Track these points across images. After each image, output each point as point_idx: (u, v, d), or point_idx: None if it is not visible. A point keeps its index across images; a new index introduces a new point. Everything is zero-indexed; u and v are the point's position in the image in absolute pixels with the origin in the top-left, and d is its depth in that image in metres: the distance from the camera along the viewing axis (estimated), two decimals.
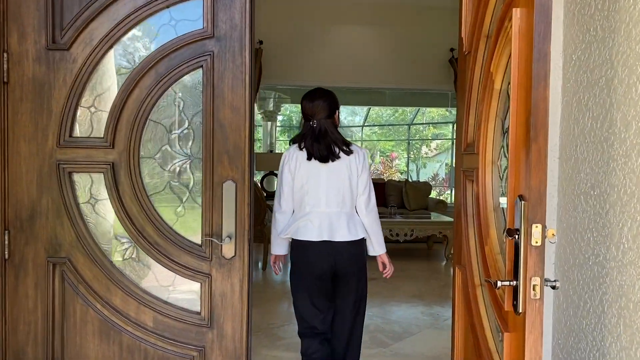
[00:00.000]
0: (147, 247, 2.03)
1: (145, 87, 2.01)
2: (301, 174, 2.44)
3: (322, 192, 2.41)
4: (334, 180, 2.40)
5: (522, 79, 1.37)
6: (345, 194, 2.42)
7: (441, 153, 19.58)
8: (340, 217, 2.40)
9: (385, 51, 8.60)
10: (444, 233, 6.27)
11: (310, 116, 2.49)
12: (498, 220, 1.62)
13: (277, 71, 8.41)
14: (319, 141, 2.43)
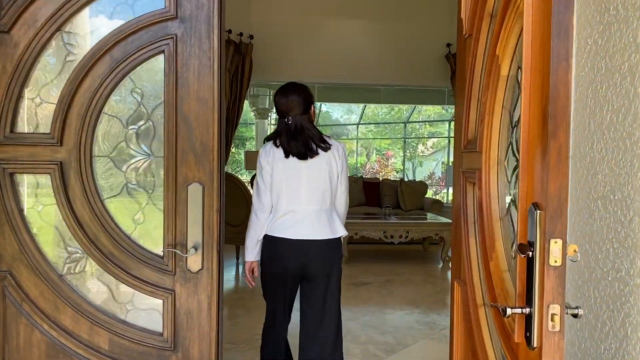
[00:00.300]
0: (101, 259, 1.78)
1: (98, 75, 1.75)
2: (279, 171, 2.33)
3: (302, 190, 2.31)
4: (313, 177, 2.31)
5: (536, 60, 1.12)
6: (325, 191, 2.33)
7: (437, 151, 19.38)
8: (321, 215, 2.32)
9: (380, 46, 8.34)
10: (441, 235, 6.02)
11: (285, 112, 2.38)
12: (505, 231, 1.37)
13: (269, 67, 8.14)
14: (296, 138, 2.32)
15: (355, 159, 19.06)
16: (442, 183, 17.04)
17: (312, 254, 2.31)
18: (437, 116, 18.93)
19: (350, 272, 5.60)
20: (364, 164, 18.45)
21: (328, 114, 19.07)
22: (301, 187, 2.31)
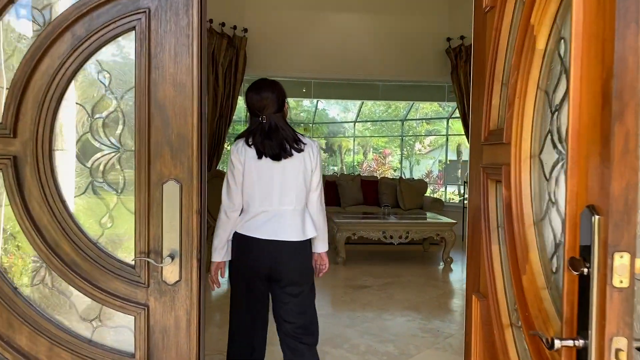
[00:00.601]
0: (62, 269, 1.53)
1: (59, 55, 1.50)
2: (251, 171, 2.25)
3: (275, 190, 2.24)
4: (287, 177, 2.24)
5: (592, 23, 0.88)
6: (299, 191, 2.25)
7: (434, 149, 19.14)
8: (294, 216, 2.24)
9: (378, 41, 8.09)
10: (442, 235, 5.79)
11: (258, 110, 2.27)
12: (541, 238, 1.13)
13: (263, 61, 7.89)
14: (270, 138, 2.23)
15: (352, 157, 18.82)
16: (439, 182, 16.83)
17: (283, 255, 2.24)
18: (434, 114, 18.70)
19: (348, 274, 5.36)
20: (361, 162, 18.22)
21: (324, 111, 18.82)
22: (274, 187, 2.23)
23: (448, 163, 17.14)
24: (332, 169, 20.65)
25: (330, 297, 4.51)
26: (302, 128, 18.08)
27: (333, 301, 4.37)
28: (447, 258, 5.85)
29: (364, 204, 7.51)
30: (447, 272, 5.62)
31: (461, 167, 18.02)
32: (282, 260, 2.23)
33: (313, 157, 2.27)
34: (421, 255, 6.51)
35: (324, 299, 4.42)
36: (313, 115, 17.53)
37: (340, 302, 4.33)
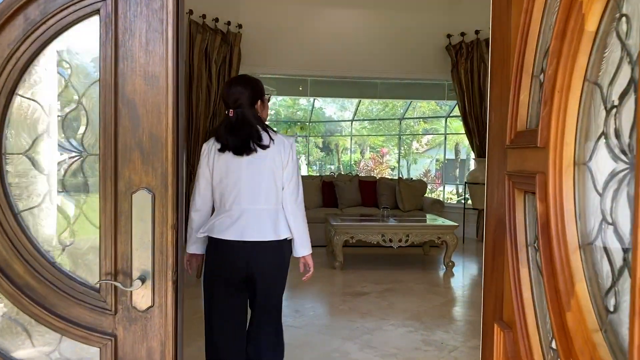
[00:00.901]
0: (13, 293, 1.31)
1: (9, 42, 1.28)
2: (219, 167, 2.20)
3: (243, 187, 2.17)
4: (255, 174, 2.17)
5: None
6: (269, 190, 2.18)
7: (431, 149, 18.96)
8: (262, 215, 2.17)
9: (376, 37, 7.88)
10: (443, 239, 5.58)
11: (228, 104, 2.24)
12: (591, 267, 0.91)
13: (258, 58, 7.66)
14: (234, 132, 2.18)
15: (349, 156, 18.60)
16: (437, 181, 16.64)
17: (253, 256, 2.17)
18: (431, 113, 18.51)
19: (346, 279, 5.15)
20: (358, 161, 18.01)
21: (321, 110, 18.60)
22: (242, 185, 2.17)
23: (445, 162, 16.97)
24: (328, 168, 20.47)
25: (327, 305, 4.29)
26: (299, 127, 17.88)
27: (331, 310, 4.16)
28: (448, 262, 5.64)
29: (362, 205, 7.30)
30: (449, 277, 5.41)
31: (459, 167, 17.85)
32: (255, 263, 2.16)
33: (284, 155, 2.18)
34: (422, 258, 6.30)
35: (322, 307, 4.21)
36: (310, 114, 17.31)
37: (338, 312, 4.11)
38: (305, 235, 2.26)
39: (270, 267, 2.21)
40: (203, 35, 7.07)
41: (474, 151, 7.70)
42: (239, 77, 2.37)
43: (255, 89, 2.25)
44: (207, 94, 7.16)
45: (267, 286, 2.24)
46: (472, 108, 7.58)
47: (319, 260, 6.06)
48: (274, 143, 2.19)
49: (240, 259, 2.17)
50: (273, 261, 2.20)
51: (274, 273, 2.24)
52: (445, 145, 16.18)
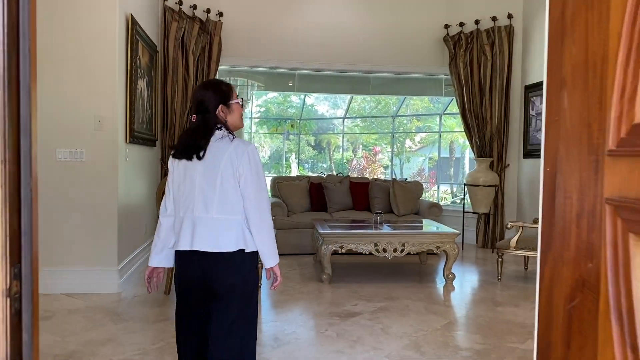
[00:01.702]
0: None
1: None
2: (177, 173, 2.14)
3: (197, 195, 2.08)
4: (210, 181, 2.06)
5: None
6: (224, 198, 2.07)
7: (424, 147, 18.40)
8: (216, 224, 2.07)
9: (368, 28, 7.26)
10: (443, 248, 4.98)
11: (192, 109, 2.21)
12: None
13: (240, 49, 7.02)
14: (188, 136, 2.13)
15: (341, 155, 17.98)
16: (432, 180, 16.07)
17: (209, 268, 2.07)
18: (424, 110, 17.93)
19: (334, 295, 4.54)
20: (350, 160, 17.41)
21: (313, 107, 17.98)
22: (196, 192, 2.08)
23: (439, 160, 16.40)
24: (321, 167, 19.86)
25: (312, 331, 3.67)
26: (290, 124, 17.25)
27: (316, 338, 3.54)
28: (448, 274, 5.04)
29: (354, 209, 6.68)
30: (449, 291, 4.81)
31: (454, 166, 17.28)
32: (211, 274, 2.07)
33: (239, 162, 2.05)
34: (418, 268, 5.70)
35: (305, 333, 3.60)
36: (301, 111, 16.68)
37: (324, 339, 3.49)
38: (271, 247, 2.11)
39: (225, 281, 2.07)
40: (179, 23, 6.42)
41: (473, 150, 7.11)
42: (205, 81, 2.37)
43: (218, 93, 2.16)
44: (183, 87, 6.52)
45: (223, 301, 2.08)
46: (472, 104, 6.99)
47: (305, 272, 5.45)
48: (231, 149, 2.07)
49: (194, 269, 2.08)
50: (227, 274, 2.07)
51: (228, 287, 2.08)
52: (439, 144, 15.62)
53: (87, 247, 4.53)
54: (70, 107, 4.47)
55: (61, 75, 4.45)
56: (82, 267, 4.53)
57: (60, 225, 4.49)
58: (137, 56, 5.10)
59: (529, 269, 5.67)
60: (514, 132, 6.97)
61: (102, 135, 4.54)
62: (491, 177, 6.57)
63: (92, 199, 4.52)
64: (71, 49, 4.45)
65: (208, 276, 2.07)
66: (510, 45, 6.86)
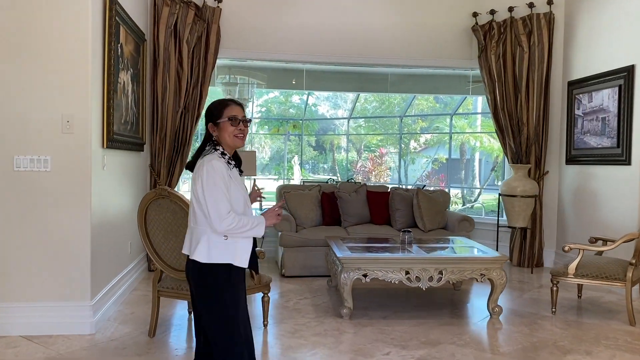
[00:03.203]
0: None
1: None
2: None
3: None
4: (191, 192, 2.24)
5: None
6: (192, 208, 2.23)
7: (428, 148, 17.49)
8: (191, 232, 2.26)
9: (385, 17, 6.31)
10: (489, 276, 4.05)
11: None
12: None
13: (241, 40, 6.06)
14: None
15: (345, 156, 17.05)
16: (442, 184, 15.15)
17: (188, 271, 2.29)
18: (430, 110, 17.04)
19: (358, 338, 3.60)
20: (355, 162, 16.47)
21: (314, 107, 17.04)
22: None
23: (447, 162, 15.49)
24: (321, 167, 18.94)
25: None
26: (292, 124, 16.32)
27: None
28: (494, 307, 4.11)
29: (371, 222, 5.75)
30: (497, 330, 3.88)
31: (465, 168, 16.36)
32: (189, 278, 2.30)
33: (195, 174, 2.18)
34: (451, 296, 4.77)
35: None
36: (304, 111, 15.74)
37: None
38: (247, 235, 2.19)
39: (193, 285, 2.26)
40: (172, 8, 5.48)
41: (506, 155, 6.17)
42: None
43: (207, 112, 2.31)
44: (176, 81, 5.57)
45: (196, 305, 2.27)
46: (505, 102, 6.05)
47: (319, 302, 4.50)
48: (198, 164, 2.22)
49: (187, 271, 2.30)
50: (194, 280, 2.23)
51: (196, 292, 2.25)
52: (450, 145, 14.72)
53: (52, 277, 3.59)
54: (31, 105, 3.53)
55: (19, 66, 3.51)
56: (45, 302, 3.58)
57: (19, 251, 3.56)
58: (117, 43, 4.16)
59: (582, 296, 4.74)
60: (554, 135, 6.04)
61: (72, 139, 3.60)
62: (530, 186, 5.63)
63: (58, 218, 3.59)
64: (31, 32, 3.51)
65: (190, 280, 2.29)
66: (550, 35, 5.93)
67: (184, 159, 5.67)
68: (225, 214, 2.08)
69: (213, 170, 2.10)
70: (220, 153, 2.19)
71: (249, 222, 2.14)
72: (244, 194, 2.23)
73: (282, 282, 5.11)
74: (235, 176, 2.22)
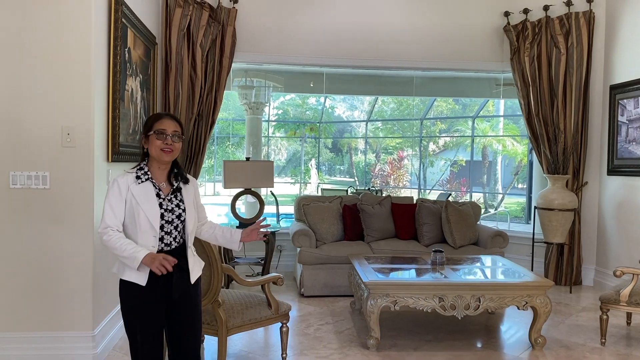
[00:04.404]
0: None
1: None
2: None
3: None
4: None
5: None
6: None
7: (445, 150, 17.01)
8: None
9: (410, 17, 5.89)
10: (532, 304, 3.61)
11: None
12: None
13: (259, 42, 5.68)
14: None
15: (361, 159, 16.60)
16: (463, 190, 14.64)
17: None
18: (449, 112, 16.56)
19: None
20: (373, 166, 16.03)
21: (332, 109, 16.64)
22: None
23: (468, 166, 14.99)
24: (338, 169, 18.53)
25: None
26: (308, 128, 15.95)
27: None
28: (537, 338, 3.67)
29: (397, 237, 5.32)
30: None
31: (487, 172, 15.83)
32: None
33: None
34: (486, 321, 4.32)
35: None
36: (321, 114, 15.34)
37: None
38: (121, 258, 2.13)
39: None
40: (184, 9, 5.12)
41: (541, 164, 5.70)
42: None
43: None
44: (189, 87, 5.21)
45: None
46: (540, 107, 5.59)
47: (342, 328, 4.09)
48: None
49: None
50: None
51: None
52: (472, 148, 14.23)
53: (49, 304, 3.24)
54: (27, 116, 3.19)
55: (13, 73, 3.17)
56: (41, 331, 3.23)
57: (13, 276, 3.22)
58: (125, 47, 3.80)
59: (632, 323, 4.27)
60: (594, 143, 5.55)
61: (73, 153, 3.25)
62: (569, 199, 5.16)
63: (57, 239, 3.23)
64: (26, 35, 3.17)
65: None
66: (590, 36, 5.45)
67: (197, 168, 5.32)
68: (103, 227, 2.12)
69: (111, 184, 2.18)
70: (138, 168, 2.22)
71: (126, 249, 2.08)
72: (154, 212, 2.14)
73: (301, 303, 4.72)
74: (147, 192, 2.16)
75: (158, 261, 2.05)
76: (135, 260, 2.07)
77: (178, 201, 2.23)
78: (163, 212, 2.17)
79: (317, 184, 15.31)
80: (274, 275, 3.31)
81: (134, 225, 2.14)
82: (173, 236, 2.21)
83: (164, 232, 2.17)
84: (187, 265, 2.24)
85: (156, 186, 2.20)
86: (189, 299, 2.27)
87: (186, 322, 2.27)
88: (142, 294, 2.15)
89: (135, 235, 2.15)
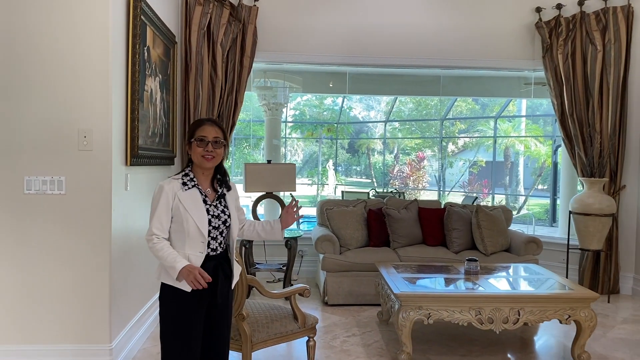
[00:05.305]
0: None
1: None
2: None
3: None
4: None
5: None
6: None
7: (463, 151, 16.66)
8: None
9: (437, 15, 5.65)
10: (575, 317, 3.36)
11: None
12: None
13: (280, 41, 5.49)
14: None
15: (380, 160, 16.33)
16: (485, 191, 14.31)
17: None
18: (469, 112, 16.23)
19: None
20: (391, 167, 15.76)
21: (350, 109, 16.40)
22: None
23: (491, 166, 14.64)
24: (354, 170, 18.27)
25: None
26: (326, 129, 15.74)
27: None
28: (581, 354, 3.41)
29: (424, 243, 5.08)
30: None
31: (509, 173, 15.46)
32: None
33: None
34: (522, 334, 4.07)
35: None
36: (338, 115, 15.12)
37: None
38: (163, 263, 2.12)
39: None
40: (205, 7, 4.94)
41: (576, 167, 5.41)
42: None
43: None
44: (209, 88, 5.03)
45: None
46: (574, 107, 5.31)
47: (370, 340, 3.87)
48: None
49: None
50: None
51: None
52: (494, 149, 13.88)
53: (65, 315, 3.08)
54: (42, 119, 3.03)
55: (28, 74, 3.01)
56: (57, 344, 3.07)
57: (27, 286, 3.06)
58: (144, 46, 3.63)
59: None
60: (633, 144, 5.25)
61: (90, 157, 3.08)
62: (607, 204, 4.87)
63: (74, 246, 3.07)
64: (42, 37, 3.01)
65: None
66: (628, 32, 5.15)
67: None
68: (149, 235, 2.13)
69: (157, 190, 2.17)
70: (184, 174, 2.22)
71: (167, 257, 2.08)
72: (203, 218, 2.14)
73: (325, 312, 4.51)
74: (194, 198, 2.15)
75: (193, 276, 2.03)
76: (174, 270, 2.06)
77: (223, 207, 2.24)
78: (210, 218, 2.17)
79: (335, 185, 15.08)
80: (300, 287, 3.11)
81: (182, 231, 2.13)
82: (219, 242, 2.21)
83: (210, 238, 2.17)
84: (230, 271, 2.26)
85: (202, 192, 2.20)
86: (227, 305, 2.28)
87: (220, 328, 2.27)
88: (185, 300, 2.13)
89: (183, 241, 2.14)
